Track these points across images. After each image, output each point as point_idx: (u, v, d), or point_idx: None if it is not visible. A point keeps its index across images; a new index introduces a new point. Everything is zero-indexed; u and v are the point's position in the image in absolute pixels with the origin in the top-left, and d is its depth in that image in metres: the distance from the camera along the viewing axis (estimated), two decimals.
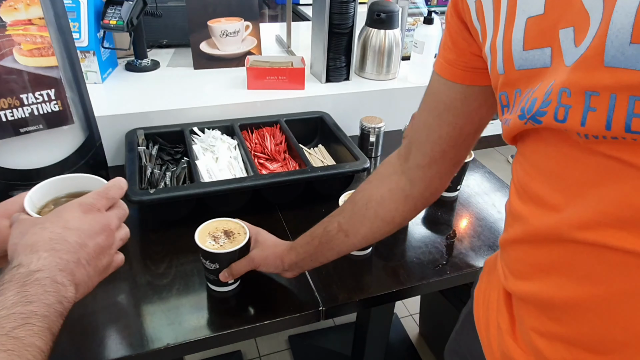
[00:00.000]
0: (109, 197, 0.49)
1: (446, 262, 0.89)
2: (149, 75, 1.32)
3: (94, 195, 0.48)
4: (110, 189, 0.49)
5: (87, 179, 0.53)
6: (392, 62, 1.34)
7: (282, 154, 1.11)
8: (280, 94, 1.23)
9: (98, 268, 0.46)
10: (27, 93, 0.76)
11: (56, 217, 0.44)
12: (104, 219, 0.47)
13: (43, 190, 0.50)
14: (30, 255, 0.41)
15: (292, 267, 0.75)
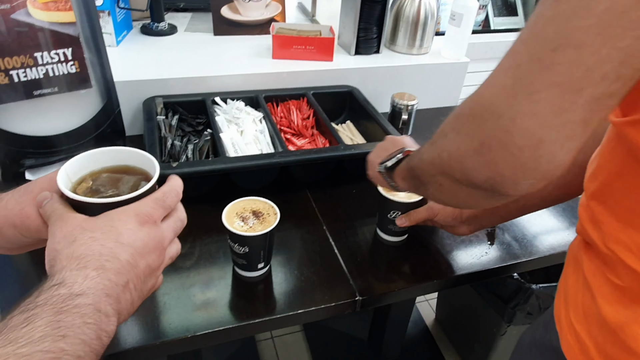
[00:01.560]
0: (166, 206, 0.42)
1: (487, 253, 0.83)
2: (166, 40, 1.24)
3: (152, 203, 0.40)
4: (167, 196, 0.42)
5: (131, 153, 0.45)
6: (426, 35, 1.25)
7: (310, 129, 1.04)
8: (306, 65, 1.15)
9: (142, 293, 0.39)
10: (41, 51, 0.69)
11: (108, 227, 0.37)
12: (159, 234, 0.40)
13: (80, 162, 0.43)
14: (77, 272, 0.34)
15: (471, 220, 0.72)
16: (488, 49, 2.46)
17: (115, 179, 0.43)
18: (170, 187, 0.43)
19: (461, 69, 1.28)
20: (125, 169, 0.45)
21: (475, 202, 0.47)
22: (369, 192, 0.96)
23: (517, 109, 0.36)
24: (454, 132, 0.43)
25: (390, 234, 0.82)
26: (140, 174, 0.45)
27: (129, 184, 0.43)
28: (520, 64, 0.36)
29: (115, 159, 0.45)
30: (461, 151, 0.41)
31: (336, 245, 0.81)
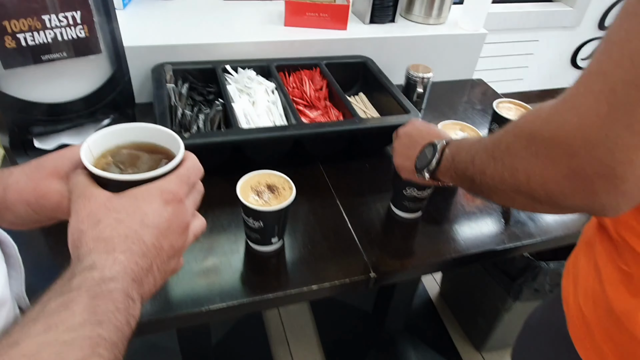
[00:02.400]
0: (191, 182, 0.40)
1: (503, 231, 0.82)
2: (173, 4, 1.19)
3: (176, 180, 0.38)
4: (192, 173, 0.40)
5: (155, 131, 0.43)
6: (445, 4, 1.20)
7: (323, 100, 1.01)
8: (319, 33, 1.11)
9: (165, 274, 0.38)
10: (49, 14, 0.65)
11: (133, 207, 0.36)
12: (183, 214, 0.38)
13: (103, 138, 0.41)
14: (105, 255, 0.33)
15: None
16: (502, 20, 2.39)
17: (134, 157, 0.42)
18: (193, 163, 0.41)
19: (479, 41, 1.24)
20: (149, 146, 0.43)
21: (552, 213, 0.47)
22: (381, 166, 0.94)
23: (616, 140, 0.34)
24: (530, 153, 0.41)
25: (405, 211, 0.81)
26: (162, 152, 0.43)
27: (148, 164, 0.41)
28: (615, 89, 0.34)
29: (139, 136, 0.43)
30: (547, 177, 0.40)
31: (350, 220, 0.80)
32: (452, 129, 0.88)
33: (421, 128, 0.70)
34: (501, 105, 0.97)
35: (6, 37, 0.63)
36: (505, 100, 0.98)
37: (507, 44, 2.54)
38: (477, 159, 0.50)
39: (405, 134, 0.71)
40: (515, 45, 2.57)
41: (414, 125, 0.71)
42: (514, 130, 0.44)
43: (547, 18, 2.50)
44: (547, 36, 2.60)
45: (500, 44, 2.50)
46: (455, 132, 0.87)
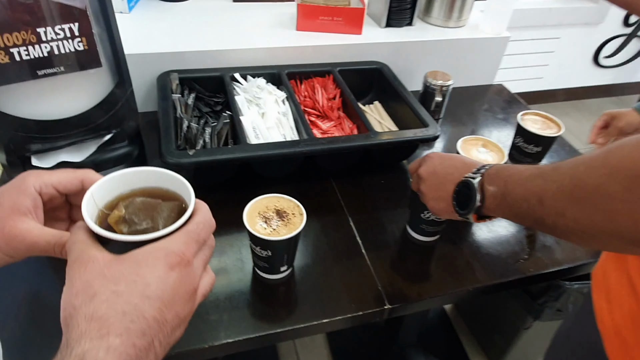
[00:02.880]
0: (200, 240, 0.37)
1: (528, 257, 0.77)
2: (181, 6, 1.15)
3: (184, 238, 0.35)
4: (202, 229, 0.37)
5: (165, 175, 0.40)
6: (466, 5, 1.14)
7: (336, 111, 0.96)
8: (333, 38, 1.06)
9: (168, 345, 0.34)
10: (45, 27, 0.61)
11: (134, 275, 0.32)
12: (190, 278, 0.35)
13: (109, 184, 0.39)
14: (98, 341, 0.29)
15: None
16: (522, 17, 2.30)
17: (150, 207, 0.38)
18: (203, 217, 0.38)
19: (501, 45, 1.18)
20: (159, 192, 0.40)
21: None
22: (397, 182, 0.89)
23: None
24: (631, 193, 0.37)
25: (422, 234, 0.76)
26: (174, 198, 0.40)
27: (165, 214, 0.38)
28: None
29: (148, 181, 0.40)
30: None
31: (363, 244, 0.76)
32: (474, 145, 0.82)
33: (445, 163, 0.63)
34: (526, 118, 0.91)
35: None
36: (531, 112, 0.92)
37: (528, 42, 2.45)
38: (549, 200, 0.44)
39: (429, 174, 0.63)
40: (535, 43, 2.48)
41: (433, 161, 0.64)
42: (604, 169, 0.39)
43: (570, 14, 2.41)
44: (569, 33, 2.50)
45: (520, 42, 2.42)
46: (477, 149, 0.81)
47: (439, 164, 0.63)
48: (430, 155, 0.65)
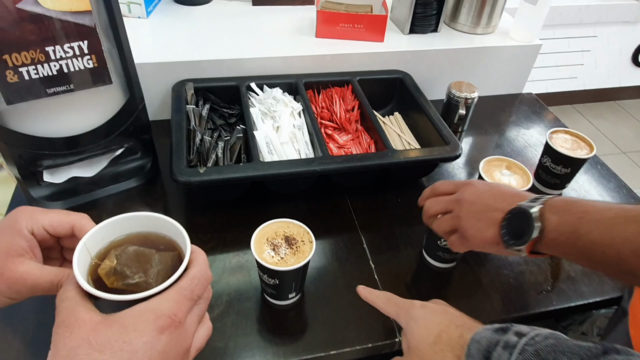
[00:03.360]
0: (194, 296, 0.35)
1: (551, 288, 0.73)
2: (200, 10, 1.13)
3: (177, 297, 0.33)
4: (196, 285, 0.35)
5: (159, 221, 0.39)
6: (495, 11, 1.08)
7: (354, 123, 0.93)
8: (353, 46, 1.02)
9: None
10: (53, 45, 0.60)
11: (120, 342, 0.30)
12: (182, 340, 0.33)
13: (103, 232, 0.38)
14: None
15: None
16: (557, 15, 2.20)
17: (144, 258, 0.36)
18: (199, 270, 0.36)
19: (532, 53, 1.12)
20: (154, 237, 0.39)
21: None
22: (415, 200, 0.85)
23: None
24: None
25: (438, 260, 0.73)
26: (169, 246, 0.38)
27: (158, 267, 0.36)
28: None
29: (143, 226, 0.39)
30: None
31: (376, 268, 0.73)
32: (497, 167, 0.78)
33: (493, 190, 0.57)
34: (555, 136, 0.86)
35: (7, 71, 0.59)
36: (560, 130, 0.87)
37: (562, 40, 2.34)
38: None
39: (474, 201, 0.56)
40: (571, 42, 2.37)
41: (478, 187, 0.57)
42: None
43: (608, 12, 2.29)
44: (607, 32, 2.38)
45: (554, 40, 2.31)
46: (500, 171, 0.77)
47: (484, 190, 0.57)
48: (472, 182, 0.59)
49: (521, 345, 0.39)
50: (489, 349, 0.40)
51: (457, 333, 0.45)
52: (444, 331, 0.46)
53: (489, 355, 0.40)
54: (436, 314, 0.49)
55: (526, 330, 0.41)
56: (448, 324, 0.47)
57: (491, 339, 0.41)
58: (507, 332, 0.41)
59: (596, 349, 0.36)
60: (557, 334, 0.40)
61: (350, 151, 0.88)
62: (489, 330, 0.43)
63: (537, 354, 0.37)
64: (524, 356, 0.38)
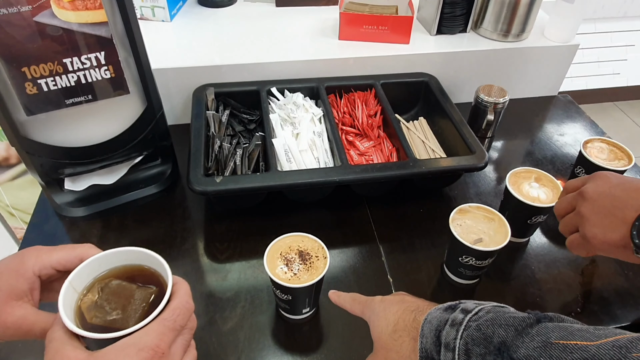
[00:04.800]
0: (177, 327, 0.36)
1: (581, 310, 0.68)
2: (224, 12, 1.12)
3: (159, 329, 0.34)
4: (178, 315, 0.36)
5: (142, 254, 0.40)
6: (530, 18, 1.01)
7: (376, 129, 0.90)
8: (378, 49, 0.99)
9: None
10: (71, 57, 0.60)
11: None
12: None
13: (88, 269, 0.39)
14: None
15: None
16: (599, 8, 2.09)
17: (124, 294, 0.38)
18: (180, 301, 0.37)
19: (568, 54, 1.06)
20: (138, 269, 0.40)
21: None
22: (438, 211, 0.82)
23: None
24: None
25: (460, 277, 0.70)
26: (152, 278, 0.40)
27: (137, 303, 0.37)
28: None
29: (127, 259, 0.41)
30: None
31: (394, 283, 0.71)
32: (525, 179, 0.74)
33: (625, 184, 0.49)
34: (590, 146, 0.81)
35: (27, 83, 0.59)
36: (596, 139, 0.81)
37: (604, 35, 2.22)
38: None
39: (599, 194, 0.50)
40: (613, 36, 2.25)
41: (609, 180, 0.51)
42: None
43: None
44: None
45: (596, 35, 2.20)
46: (529, 184, 0.73)
47: (616, 184, 0.50)
48: (604, 174, 0.53)
49: (465, 321, 0.40)
50: (439, 327, 0.41)
51: (411, 317, 0.45)
52: (400, 318, 0.46)
53: (439, 333, 0.41)
54: (393, 304, 0.49)
55: (472, 307, 0.42)
56: (404, 310, 0.47)
57: (440, 318, 0.42)
58: (455, 310, 0.42)
59: (530, 318, 0.37)
60: (499, 307, 0.42)
61: (372, 159, 0.85)
62: (439, 310, 0.44)
63: (478, 328, 0.39)
64: (468, 332, 0.39)
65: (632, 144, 0.80)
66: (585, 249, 0.53)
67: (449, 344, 0.40)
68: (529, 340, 0.35)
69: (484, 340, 0.38)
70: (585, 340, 0.34)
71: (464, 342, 0.39)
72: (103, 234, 0.76)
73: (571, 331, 0.35)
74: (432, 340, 0.41)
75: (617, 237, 0.48)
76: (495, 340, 0.37)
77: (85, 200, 0.77)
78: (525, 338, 0.36)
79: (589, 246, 0.51)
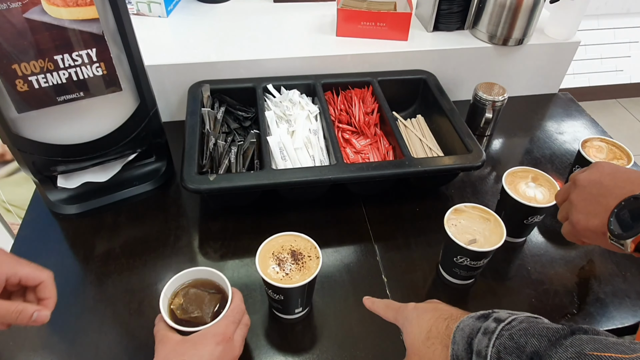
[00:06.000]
0: (236, 320, 0.53)
1: (577, 311, 0.68)
2: (221, 8, 1.11)
3: (225, 322, 0.52)
4: (236, 313, 0.53)
5: (211, 273, 0.57)
6: (532, 23, 0.98)
7: (373, 127, 0.89)
8: (375, 45, 0.98)
9: None
10: (62, 54, 0.60)
11: (193, 349, 0.49)
12: (231, 349, 0.51)
13: (173, 283, 0.56)
14: None
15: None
16: (602, 4, 2.06)
17: (199, 299, 0.55)
18: (236, 304, 0.54)
19: (569, 51, 1.04)
20: (206, 282, 0.57)
21: None
22: (433, 210, 0.82)
23: None
24: None
25: (455, 277, 0.69)
26: (216, 288, 0.57)
27: (209, 305, 0.55)
28: None
29: (200, 275, 0.58)
30: None
31: (389, 283, 0.70)
32: (522, 179, 0.73)
33: (617, 174, 0.50)
34: (589, 145, 0.80)
35: (17, 80, 0.59)
36: (595, 138, 0.81)
37: (607, 31, 2.20)
38: None
39: (590, 182, 0.50)
40: (616, 32, 2.22)
41: (602, 169, 0.51)
42: None
43: None
44: None
45: (598, 31, 2.18)
46: (525, 183, 0.72)
47: (608, 172, 0.50)
48: (600, 163, 0.53)
49: (498, 330, 0.40)
50: (471, 335, 0.42)
51: (444, 325, 0.46)
52: (433, 325, 0.47)
53: (471, 341, 0.41)
54: (427, 312, 0.49)
55: (505, 316, 0.42)
56: (437, 318, 0.47)
57: (473, 326, 0.42)
58: (488, 319, 0.42)
59: (564, 330, 0.37)
60: (532, 317, 0.41)
61: (368, 157, 0.85)
62: (472, 318, 0.44)
63: (511, 337, 0.39)
64: (500, 340, 0.39)
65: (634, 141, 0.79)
66: (574, 235, 0.53)
67: (480, 351, 0.40)
68: (563, 351, 0.35)
69: (517, 349, 0.38)
70: (620, 352, 0.33)
71: (496, 350, 0.39)
72: (97, 231, 0.76)
73: (606, 344, 0.35)
74: (463, 348, 0.42)
75: (597, 223, 0.48)
76: (528, 350, 0.37)
77: (78, 198, 0.77)
78: (558, 349, 0.35)
79: (575, 232, 0.51)
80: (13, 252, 0.72)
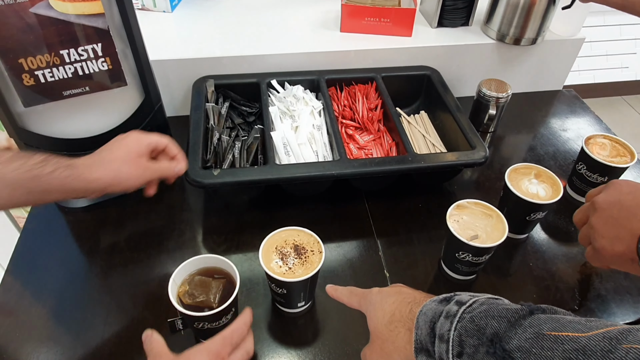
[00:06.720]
0: (234, 343, 0.50)
1: (578, 307, 0.68)
2: (226, 3, 1.11)
3: (221, 341, 0.49)
4: (235, 334, 0.50)
5: (218, 260, 0.59)
6: (546, 23, 0.97)
7: (376, 123, 0.90)
8: (379, 41, 0.98)
9: None
10: (67, 48, 0.60)
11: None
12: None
13: (182, 271, 0.57)
14: None
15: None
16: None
17: (204, 284, 0.57)
18: (238, 324, 0.51)
19: (574, 48, 1.04)
20: (214, 270, 0.59)
21: None
22: (436, 206, 0.82)
23: None
24: None
25: (457, 273, 0.69)
26: (223, 274, 0.59)
27: (214, 290, 0.56)
28: None
29: (207, 263, 0.59)
30: None
31: (391, 278, 0.71)
32: (525, 175, 0.73)
33: (636, 192, 0.48)
34: (592, 142, 0.80)
35: (24, 75, 0.59)
36: (599, 135, 0.81)
37: (613, 27, 2.19)
38: None
39: (609, 204, 0.49)
40: (622, 29, 2.21)
41: (620, 189, 0.49)
42: None
43: None
44: None
45: (604, 28, 2.16)
46: (528, 180, 0.72)
47: (627, 192, 0.48)
48: (618, 182, 0.51)
49: (460, 313, 0.40)
50: (434, 319, 0.42)
51: (407, 309, 0.46)
52: (397, 309, 0.47)
53: (434, 325, 0.41)
54: (390, 296, 0.49)
55: (466, 299, 0.42)
56: (400, 302, 0.47)
57: (435, 310, 0.42)
58: (450, 302, 0.42)
59: (522, 310, 0.37)
60: (492, 299, 0.41)
61: (371, 153, 0.85)
62: (435, 302, 0.44)
63: (472, 320, 0.39)
64: (462, 324, 0.39)
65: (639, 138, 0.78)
66: (599, 261, 0.51)
67: (443, 335, 0.40)
68: (522, 332, 0.35)
69: (477, 331, 0.38)
70: (577, 331, 0.34)
71: (457, 333, 0.39)
72: (102, 224, 0.76)
73: (563, 323, 0.35)
74: (426, 332, 0.42)
75: (624, 249, 0.46)
76: (488, 332, 0.37)
77: None
78: (517, 329, 0.36)
79: (600, 257, 0.50)
80: (19, 246, 0.73)
